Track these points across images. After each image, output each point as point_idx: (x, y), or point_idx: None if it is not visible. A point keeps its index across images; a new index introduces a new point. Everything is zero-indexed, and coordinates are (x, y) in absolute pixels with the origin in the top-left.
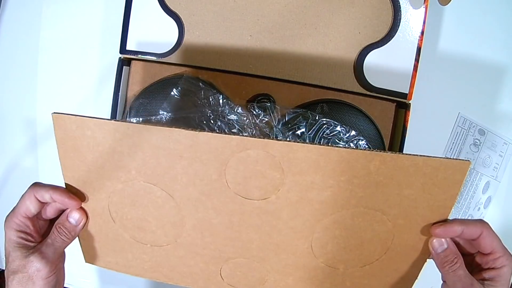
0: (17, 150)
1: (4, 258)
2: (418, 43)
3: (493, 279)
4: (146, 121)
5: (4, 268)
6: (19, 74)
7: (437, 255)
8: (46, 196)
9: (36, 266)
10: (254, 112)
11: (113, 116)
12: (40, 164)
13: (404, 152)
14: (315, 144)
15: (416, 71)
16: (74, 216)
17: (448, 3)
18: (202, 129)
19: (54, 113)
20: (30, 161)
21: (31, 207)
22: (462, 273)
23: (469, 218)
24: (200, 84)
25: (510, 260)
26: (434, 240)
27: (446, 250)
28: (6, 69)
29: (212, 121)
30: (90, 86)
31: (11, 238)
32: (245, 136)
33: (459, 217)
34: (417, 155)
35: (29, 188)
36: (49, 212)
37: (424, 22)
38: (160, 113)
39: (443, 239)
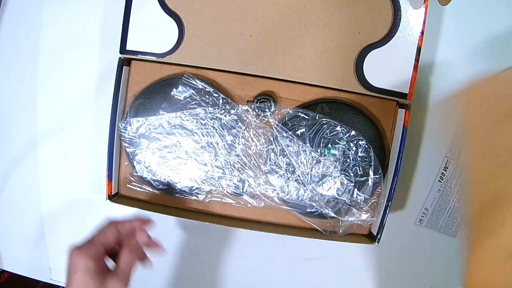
0: (17, 150)
1: (67, 282)
2: (418, 43)
3: None
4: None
5: (3, 268)
6: (19, 74)
7: None
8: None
9: None
10: (254, 112)
11: (113, 116)
12: (40, 164)
13: (403, 152)
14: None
15: (416, 71)
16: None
17: (448, 3)
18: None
19: None
20: (30, 161)
21: (110, 236)
22: None
23: (469, 218)
24: (200, 84)
25: None
26: None
27: None
28: (6, 69)
29: (212, 121)
30: (90, 86)
31: (90, 266)
32: (246, 134)
33: (459, 219)
34: None
35: (106, 221)
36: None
37: (424, 22)
38: (160, 113)
39: None
